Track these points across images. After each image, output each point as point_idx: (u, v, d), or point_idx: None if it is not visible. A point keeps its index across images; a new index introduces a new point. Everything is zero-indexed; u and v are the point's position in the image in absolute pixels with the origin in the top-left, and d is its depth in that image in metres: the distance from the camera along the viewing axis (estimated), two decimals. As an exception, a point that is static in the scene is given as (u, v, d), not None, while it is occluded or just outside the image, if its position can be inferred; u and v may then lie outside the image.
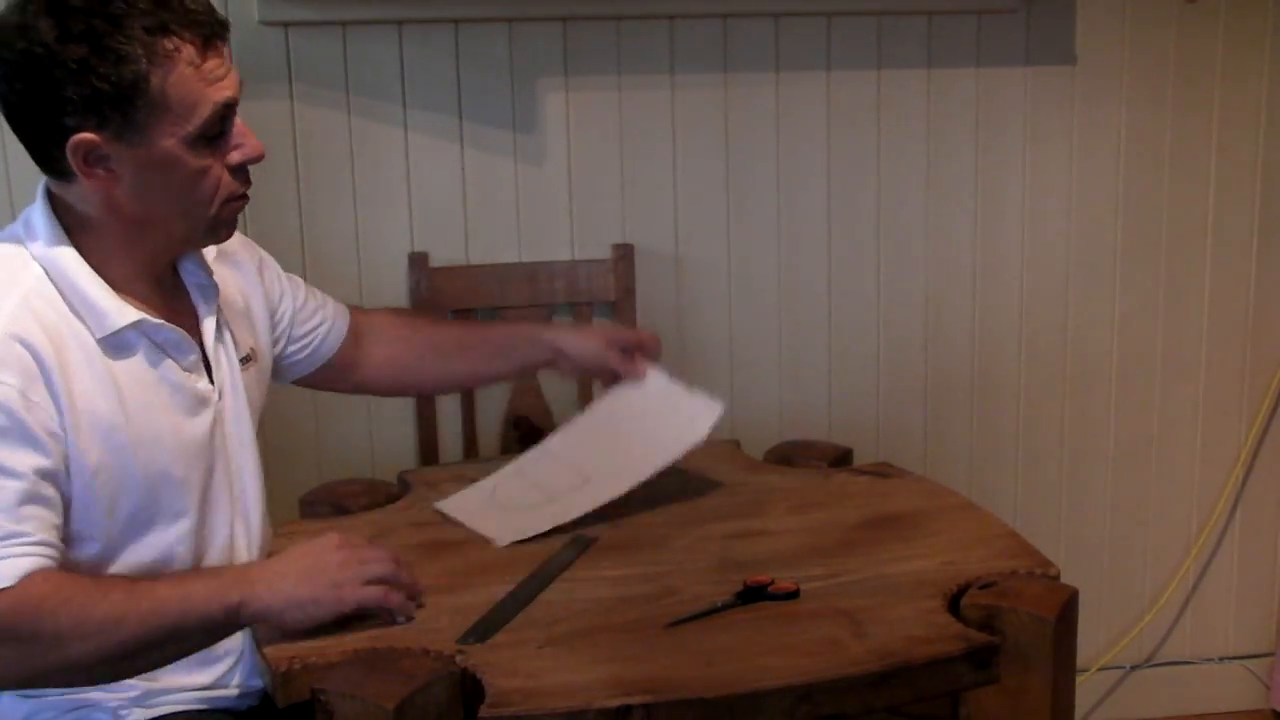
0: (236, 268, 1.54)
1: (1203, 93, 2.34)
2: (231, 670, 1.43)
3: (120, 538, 1.33)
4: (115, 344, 1.31)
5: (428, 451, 2.15)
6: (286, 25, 2.05)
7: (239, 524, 1.44)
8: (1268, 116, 2.36)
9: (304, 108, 2.09)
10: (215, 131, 1.29)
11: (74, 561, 1.29)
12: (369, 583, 1.30)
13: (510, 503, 1.64)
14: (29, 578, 1.20)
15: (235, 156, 1.32)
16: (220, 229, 1.37)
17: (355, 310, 1.73)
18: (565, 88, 2.16)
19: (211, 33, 1.27)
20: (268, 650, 1.26)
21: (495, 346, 1.80)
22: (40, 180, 1.34)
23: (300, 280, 1.66)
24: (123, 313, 1.31)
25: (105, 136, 1.24)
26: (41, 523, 1.24)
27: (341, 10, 2.07)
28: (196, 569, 1.37)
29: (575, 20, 2.14)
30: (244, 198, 1.37)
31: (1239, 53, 2.33)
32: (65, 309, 1.28)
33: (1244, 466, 2.49)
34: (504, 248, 2.19)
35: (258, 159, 1.35)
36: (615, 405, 1.74)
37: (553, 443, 1.76)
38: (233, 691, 1.43)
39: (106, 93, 1.22)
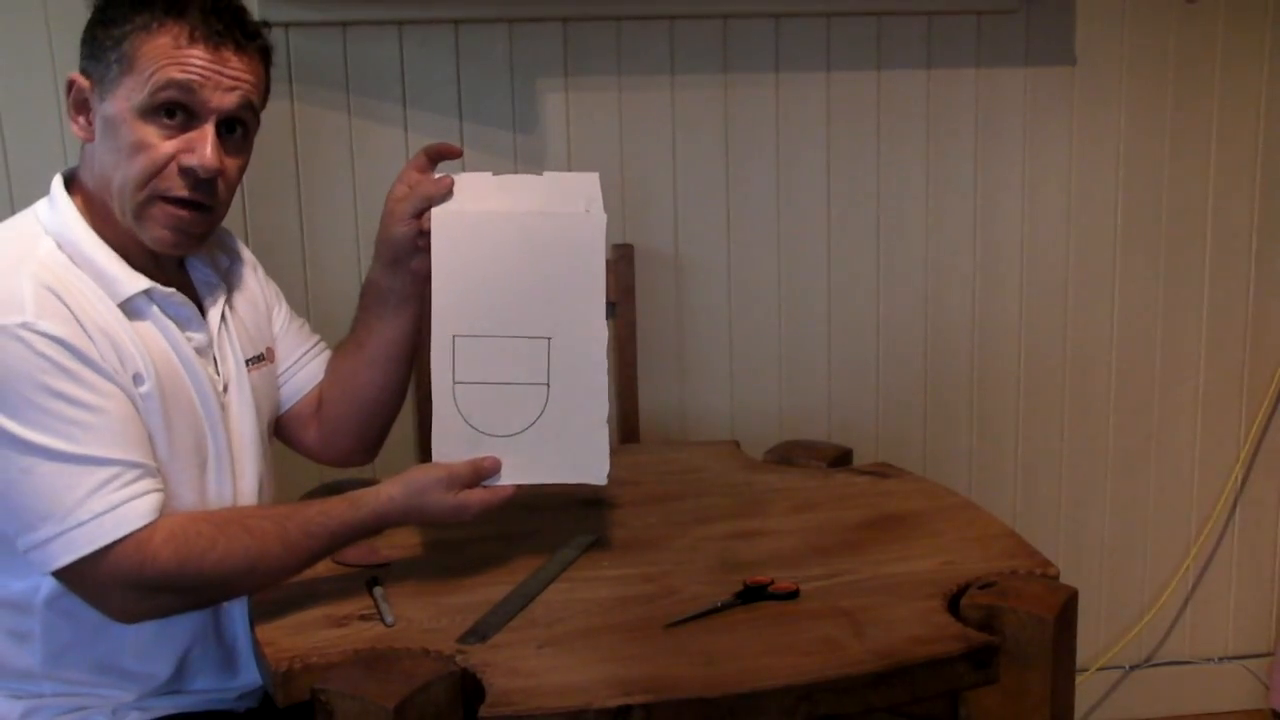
0: (254, 270, 1.57)
1: (1202, 93, 2.34)
2: (233, 673, 1.43)
3: None
4: (131, 310, 1.33)
5: (427, 451, 2.14)
6: (286, 25, 2.05)
7: None
8: (1267, 116, 2.36)
9: (304, 108, 2.09)
10: (164, 110, 1.29)
11: None
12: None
13: (514, 419, 1.41)
14: (177, 520, 1.27)
15: (185, 158, 1.30)
16: (150, 225, 1.32)
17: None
18: (565, 88, 2.17)
19: (210, 31, 1.30)
20: (268, 650, 1.26)
21: (371, 338, 1.55)
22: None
23: (294, 314, 1.64)
24: (133, 280, 1.33)
25: (91, 82, 1.32)
26: (145, 449, 1.28)
27: (341, 10, 2.07)
28: (321, 507, 1.36)
29: (575, 20, 2.14)
30: (190, 207, 1.32)
31: (1239, 53, 2.33)
32: (81, 274, 1.30)
33: (1244, 466, 2.49)
34: (504, 248, 2.19)
35: (200, 170, 1.30)
36: (469, 241, 1.41)
37: (453, 322, 1.41)
38: (233, 694, 1.44)
39: (101, 41, 1.30)
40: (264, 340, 1.53)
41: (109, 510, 1.23)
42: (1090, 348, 2.40)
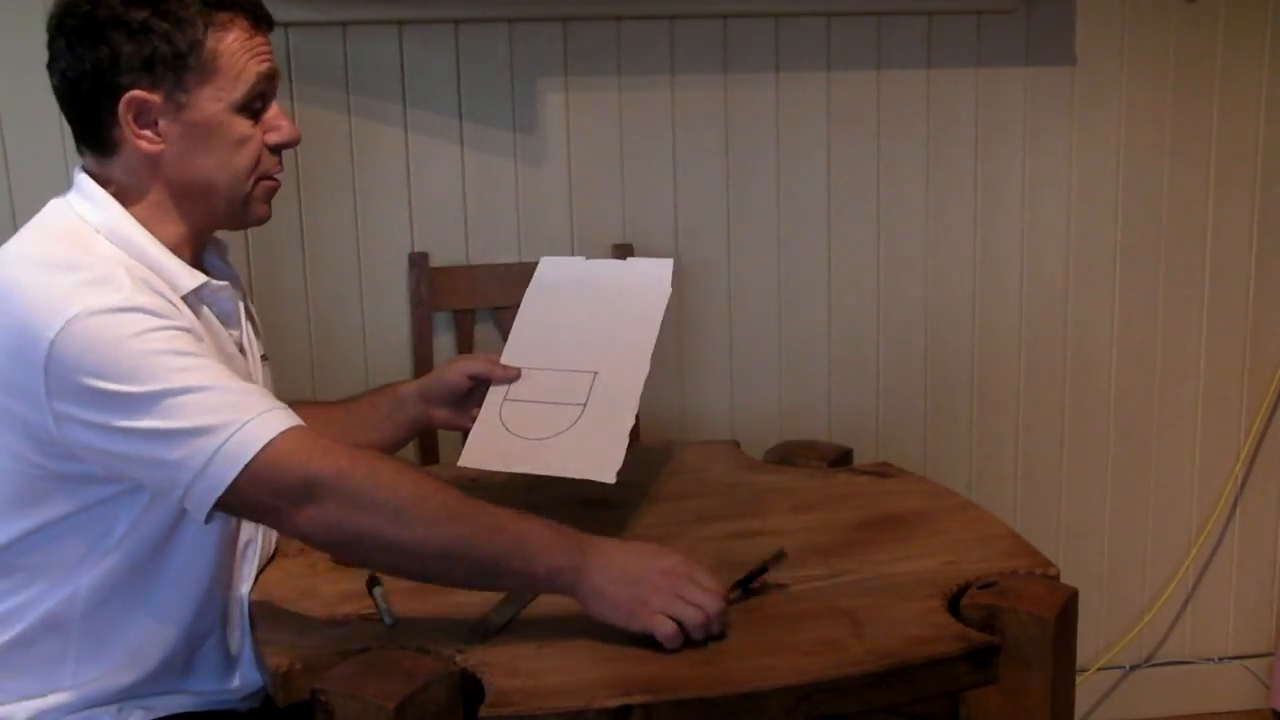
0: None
1: (1202, 93, 2.34)
2: (234, 674, 1.43)
3: None
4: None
5: (428, 452, 2.15)
6: (286, 25, 2.05)
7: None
8: (1267, 116, 2.36)
9: (304, 108, 2.09)
10: (257, 104, 1.36)
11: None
12: (676, 613, 1.23)
13: (548, 428, 1.53)
14: (337, 443, 1.26)
15: (273, 137, 1.39)
16: (255, 205, 1.41)
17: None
18: (565, 88, 2.17)
19: (260, 16, 1.36)
20: (268, 650, 1.26)
21: (363, 416, 1.64)
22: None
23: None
24: (192, 276, 1.35)
25: (157, 96, 1.31)
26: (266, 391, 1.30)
27: (341, 10, 2.07)
28: (529, 516, 1.28)
29: (575, 20, 2.14)
30: (276, 180, 1.42)
31: (1239, 53, 2.33)
32: (145, 270, 1.31)
33: (1244, 466, 2.49)
34: (504, 248, 2.19)
35: (294, 142, 1.41)
36: (553, 295, 1.66)
37: (522, 355, 1.61)
38: (234, 694, 1.44)
39: (163, 52, 1.29)
40: (263, 340, 1.54)
41: (270, 410, 1.23)
42: (1090, 348, 2.40)
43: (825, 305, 2.31)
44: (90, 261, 1.26)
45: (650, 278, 1.63)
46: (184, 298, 1.33)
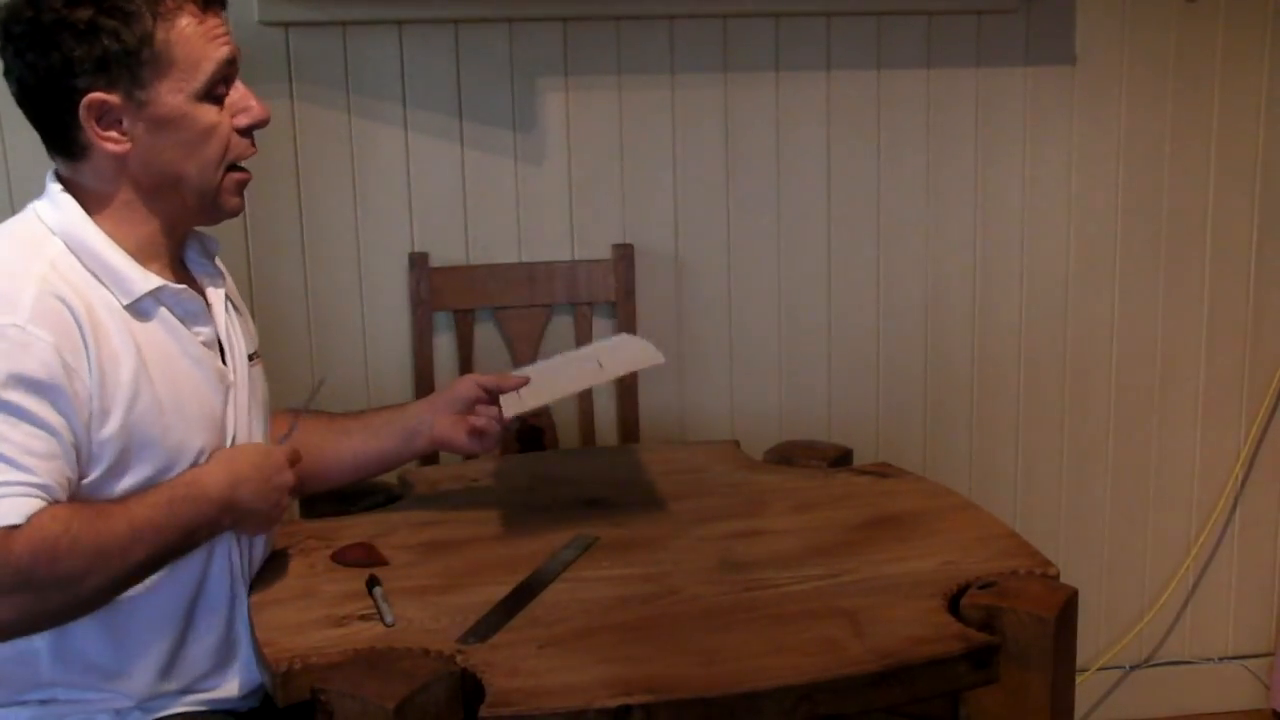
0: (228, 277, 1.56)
1: (1202, 93, 2.34)
2: (234, 673, 1.43)
3: None
4: (138, 311, 1.33)
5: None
6: (286, 25, 2.05)
7: None
8: (1267, 116, 2.36)
9: (304, 108, 2.09)
10: (220, 89, 1.34)
11: None
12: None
13: (573, 383, 1.70)
14: (38, 515, 1.20)
15: (242, 119, 1.37)
16: (225, 197, 1.39)
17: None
18: (565, 88, 2.17)
19: None
20: (268, 650, 1.26)
21: (368, 423, 1.65)
22: (44, 174, 1.37)
23: None
24: (146, 279, 1.33)
25: (116, 96, 1.29)
26: (57, 474, 1.24)
27: (341, 10, 2.07)
28: (160, 487, 1.33)
29: (575, 20, 2.14)
30: (246, 171, 1.40)
31: (1238, 53, 2.33)
32: (89, 277, 1.30)
33: (1244, 466, 2.49)
34: (504, 248, 2.19)
35: (264, 122, 1.38)
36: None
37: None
38: (234, 694, 1.44)
39: (114, 51, 1.27)
40: (253, 338, 1.53)
41: (16, 496, 1.19)
42: (1090, 348, 2.40)
43: (825, 305, 2.31)
44: (17, 271, 1.26)
45: (637, 345, 1.77)
46: (138, 301, 1.32)
